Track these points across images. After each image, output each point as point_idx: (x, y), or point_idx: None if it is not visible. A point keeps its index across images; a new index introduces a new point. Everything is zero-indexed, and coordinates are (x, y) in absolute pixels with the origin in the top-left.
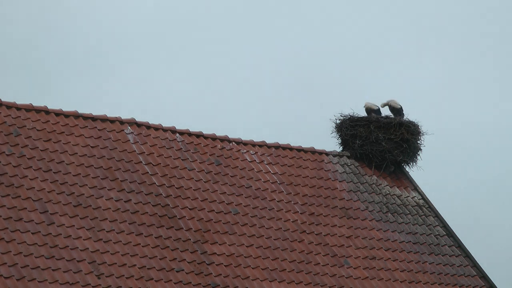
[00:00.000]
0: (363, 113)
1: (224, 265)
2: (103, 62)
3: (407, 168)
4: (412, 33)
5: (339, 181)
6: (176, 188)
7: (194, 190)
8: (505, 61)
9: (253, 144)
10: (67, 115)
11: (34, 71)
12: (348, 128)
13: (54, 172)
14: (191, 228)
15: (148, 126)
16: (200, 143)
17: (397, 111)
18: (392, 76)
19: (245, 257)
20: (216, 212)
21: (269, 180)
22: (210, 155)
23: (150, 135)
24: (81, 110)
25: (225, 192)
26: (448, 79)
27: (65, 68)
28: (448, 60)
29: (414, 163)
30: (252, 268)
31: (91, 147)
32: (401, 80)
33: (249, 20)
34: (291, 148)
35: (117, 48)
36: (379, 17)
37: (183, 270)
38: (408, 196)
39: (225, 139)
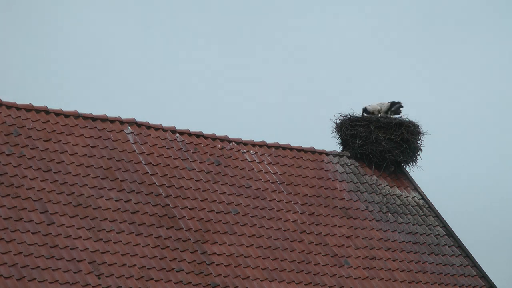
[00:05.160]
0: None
1: (224, 265)
2: (103, 61)
3: (407, 168)
4: (412, 32)
5: (339, 181)
6: (176, 188)
7: (194, 190)
8: (506, 61)
9: (253, 144)
10: (67, 115)
11: (34, 71)
12: (348, 128)
13: (54, 172)
14: (191, 228)
15: (148, 126)
16: (200, 143)
17: (394, 107)
18: (391, 76)
19: (245, 257)
20: (216, 212)
21: (269, 180)
22: (210, 155)
23: (150, 135)
24: (81, 110)
25: (225, 192)
26: (448, 79)
27: (66, 68)
28: (448, 59)
29: (414, 163)
30: (252, 268)
31: (91, 147)
32: (400, 80)
33: (248, 19)
34: (291, 148)
35: (117, 48)
36: (378, 16)
37: (183, 270)
38: (408, 196)
39: (225, 139)
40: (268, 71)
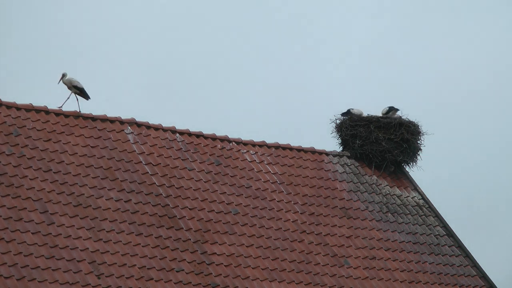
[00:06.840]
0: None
1: (224, 265)
2: (103, 61)
3: (407, 168)
4: (412, 32)
5: (339, 181)
6: (176, 188)
7: (194, 190)
8: (505, 60)
9: (253, 144)
10: (67, 115)
11: (34, 71)
12: (348, 128)
13: (54, 172)
14: (191, 228)
15: (148, 126)
16: (200, 143)
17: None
18: (391, 75)
19: (245, 257)
20: (216, 212)
21: (269, 180)
22: (210, 155)
23: (150, 135)
24: (81, 110)
25: (225, 192)
26: (448, 78)
27: (65, 68)
28: (447, 59)
29: (414, 163)
30: (252, 268)
31: (91, 147)
32: (401, 79)
33: (246, 20)
34: (291, 148)
35: (117, 47)
36: (378, 15)
37: (183, 270)
38: (408, 196)
39: (225, 139)
40: (268, 70)
